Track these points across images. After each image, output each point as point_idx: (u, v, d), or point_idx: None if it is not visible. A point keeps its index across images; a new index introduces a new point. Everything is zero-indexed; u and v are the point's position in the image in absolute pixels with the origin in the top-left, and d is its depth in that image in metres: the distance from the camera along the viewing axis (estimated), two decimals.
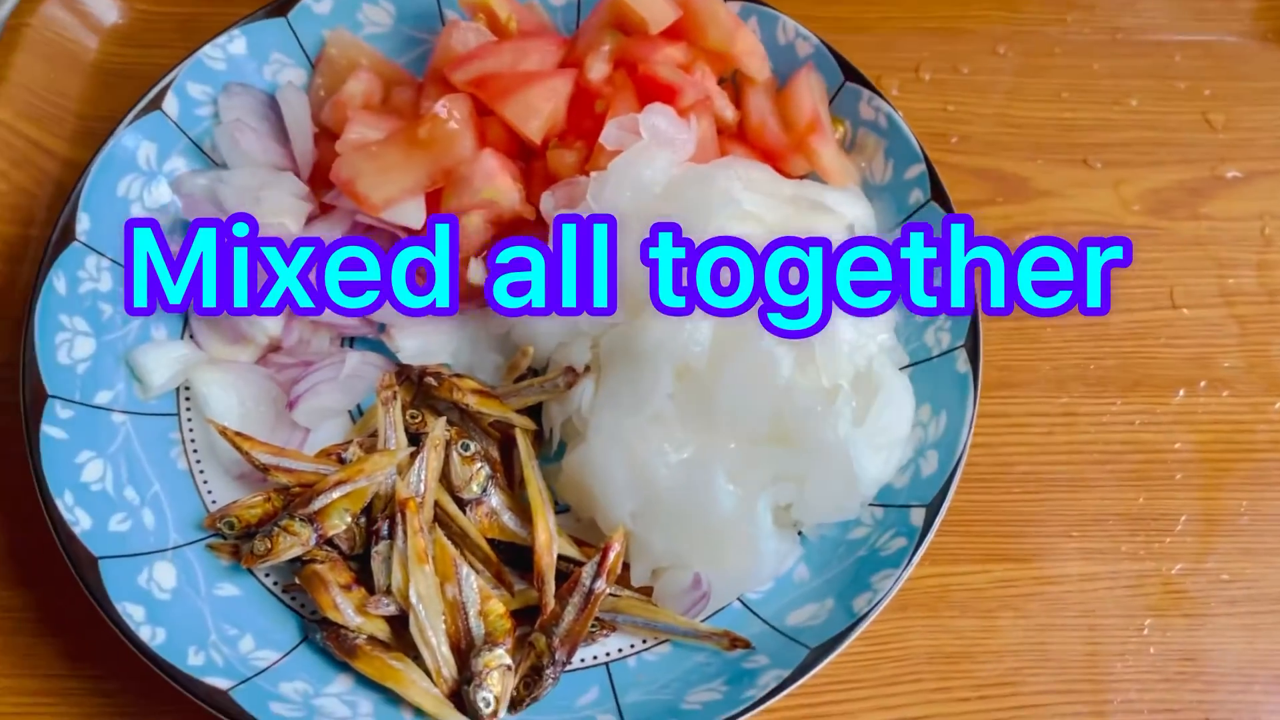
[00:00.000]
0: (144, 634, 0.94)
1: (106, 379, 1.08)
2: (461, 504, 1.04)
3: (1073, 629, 1.06)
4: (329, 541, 1.01)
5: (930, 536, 0.98)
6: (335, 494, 1.00)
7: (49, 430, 1.00)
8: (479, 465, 1.04)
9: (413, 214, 1.12)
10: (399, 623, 0.99)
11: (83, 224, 1.09)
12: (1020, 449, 1.15)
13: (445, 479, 1.04)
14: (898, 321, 1.11)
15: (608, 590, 0.98)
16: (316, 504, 1.00)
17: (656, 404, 1.01)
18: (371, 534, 1.01)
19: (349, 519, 1.00)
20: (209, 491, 1.07)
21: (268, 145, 1.18)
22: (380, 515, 1.01)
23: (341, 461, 1.05)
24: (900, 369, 1.08)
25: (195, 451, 1.09)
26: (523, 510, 1.04)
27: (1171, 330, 1.21)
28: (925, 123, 1.28)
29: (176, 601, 0.99)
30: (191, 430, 1.09)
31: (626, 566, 1.02)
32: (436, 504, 1.03)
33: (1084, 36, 1.39)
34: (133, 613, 0.95)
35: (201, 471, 1.08)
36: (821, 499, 1.00)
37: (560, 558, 1.01)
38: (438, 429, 1.05)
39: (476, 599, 0.98)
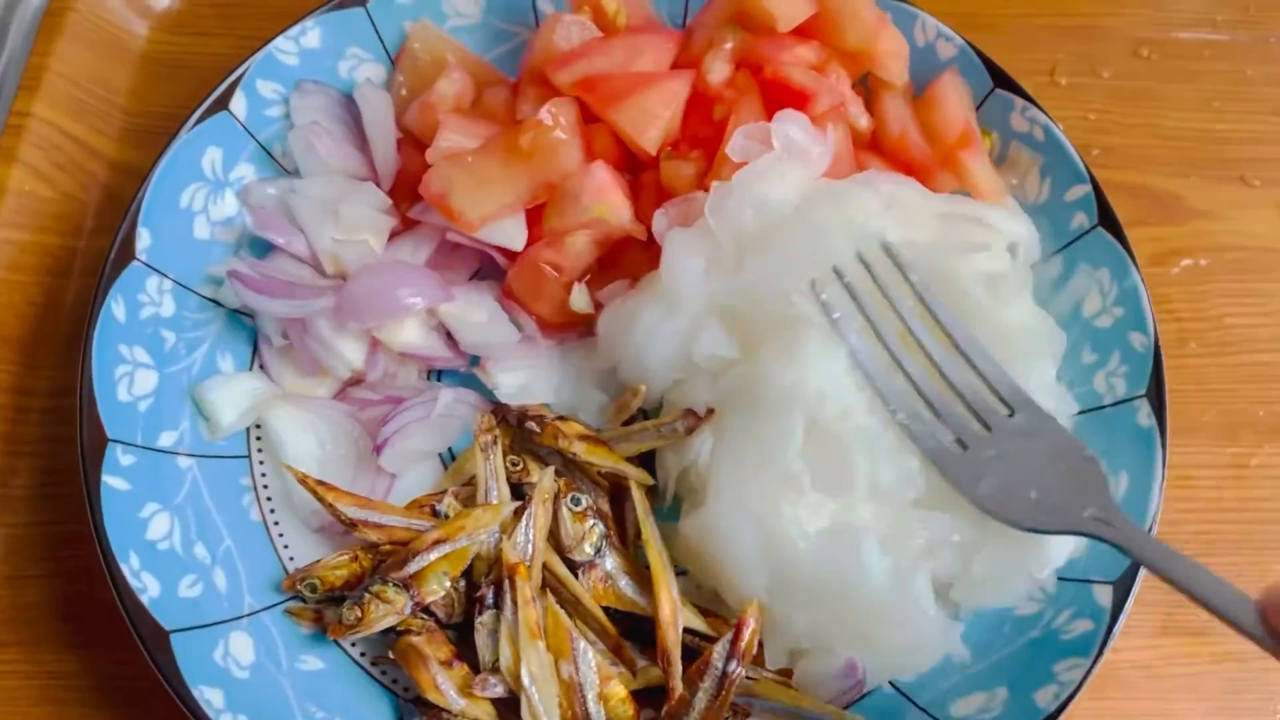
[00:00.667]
0: None
1: (171, 418, 0.95)
2: (572, 566, 0.91)
3: (1261, 713, 0.95)
4: (425, 609, 0.89)
5: (1122, 620, 0.86)
6: (433, 555, 0.88)
7: (110, 481, 0.88)
8: (592, 523, 0.92)
9: (512, 233, 0.99)
10: (506, 705, 0.87)
11: (143, 240, 0.97)
12: (1188, 505, 1.03)
13: (553, 538, 0.92)
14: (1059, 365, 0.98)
15: (743, 673, 0.86)
16: (412, 566, 0.88)
17: (787, 461, 0.88)
18: (474, 600, 0.89)
19: (448, 583, 0.88)
20: (285, 546, 0.95)
21: (346, 151, 1.05)
22: (484, 580, 0.89)
23: (435, 515, 0.93)
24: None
25: (269, 500, 0.97)
26: (641, 575, 0.92)
27: None
28: (1065, 133, 1.15)
29: (256, 679, 0.87)
30: (264, 475, 0.97)
31: (761, 645, 0.90)
32: (545, 567, 0.91)
33: (1236, 39, 1.26)
34: (211, 698, 0.83)
35: (277, 523, 0.96)
36: (991, 574, 0.88)
37: (685, 630, 0.89)
38: (546, 479, 0.92)
39: (595, 679, 0.86)
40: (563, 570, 0.91)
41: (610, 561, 0.92)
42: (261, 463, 0.98)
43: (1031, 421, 0.88)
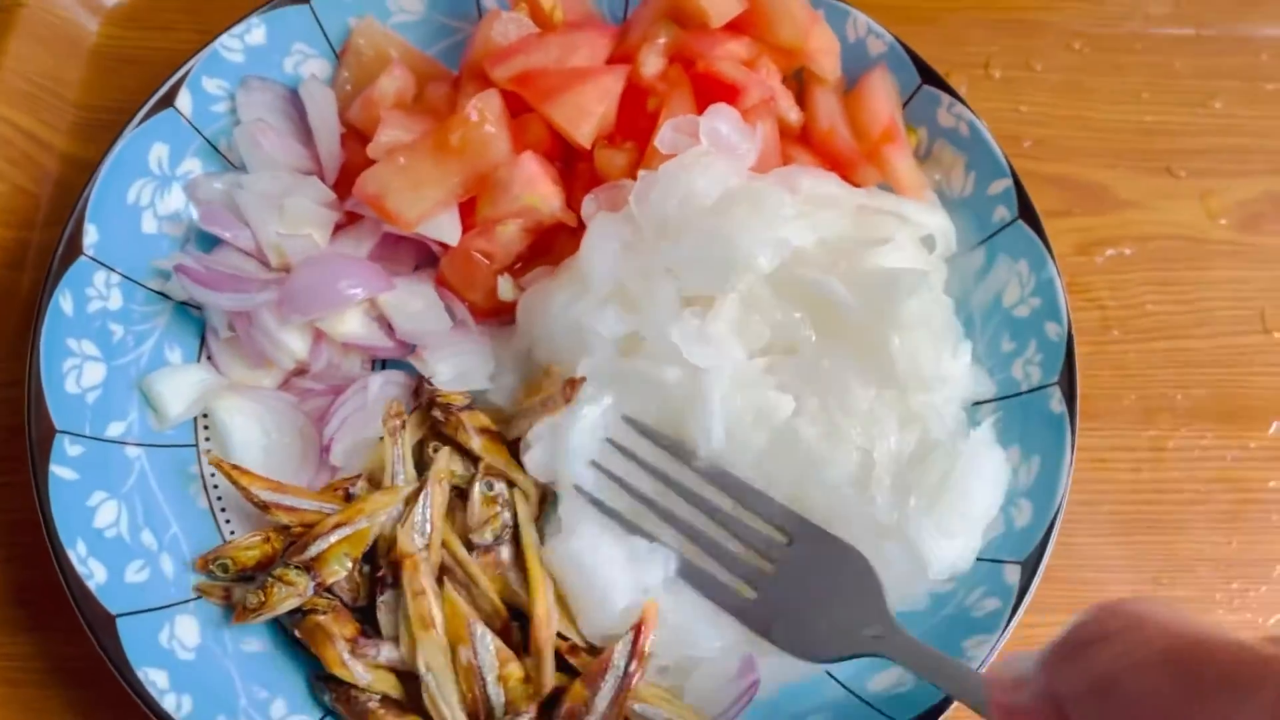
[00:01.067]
0: (168, 704, 0.85)
1: (119, 409, 0.98)
2: (469, 547, 0.94)
3: None
4: (330, 590, 0.92)
5: (1028, 599, 0.90)
6: (333, 537, 0.91)
7: (58, 471, 0.91)
8: (499, 510, 0.95)
9: (447, 227, 1.02)
10: (412, 678, 0.90)
11: (90, 236, 0.99)
12: (1104, 486, 1.07)
13: (458, 518, 0.95)
14: (980, 353, 1.02)
15: (642, 673, 0.88)
16: (313, 549, 0.91)
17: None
18: (376, 581, 0.92)
19: (350, 565, 0.92)
20: (231, 532, 0.98)
21: (290, 146, 1.08)
22: (383, 560, 0.93)
23: (349, 498, 0.96)
24: (982, 402, 1.00)
25: (216, 488, 1.00)
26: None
27: (1265, 357, 1.13)
28: (997, 124, 1.16)
29: (201, 661, 0.90)
30: (215, 475, 1.00)
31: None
32: (445, 546, 0.94)
33: (1166, 32, 1.29)
34: (156, 679, 0.86)
35: (224, 510, 0.99)
36: (892, 586, 0.90)
37: (560, 636, 0.92)
38: (441, 460, 0.96)
39: (494, 663, 0.89)
40: (461, 552, 0.94)
41: (506, 551, 0.94)
42: (209, 451, 1.00)
43: (810, 545, 0.90)
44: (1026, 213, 1.03)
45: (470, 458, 0.97)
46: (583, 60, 1.07)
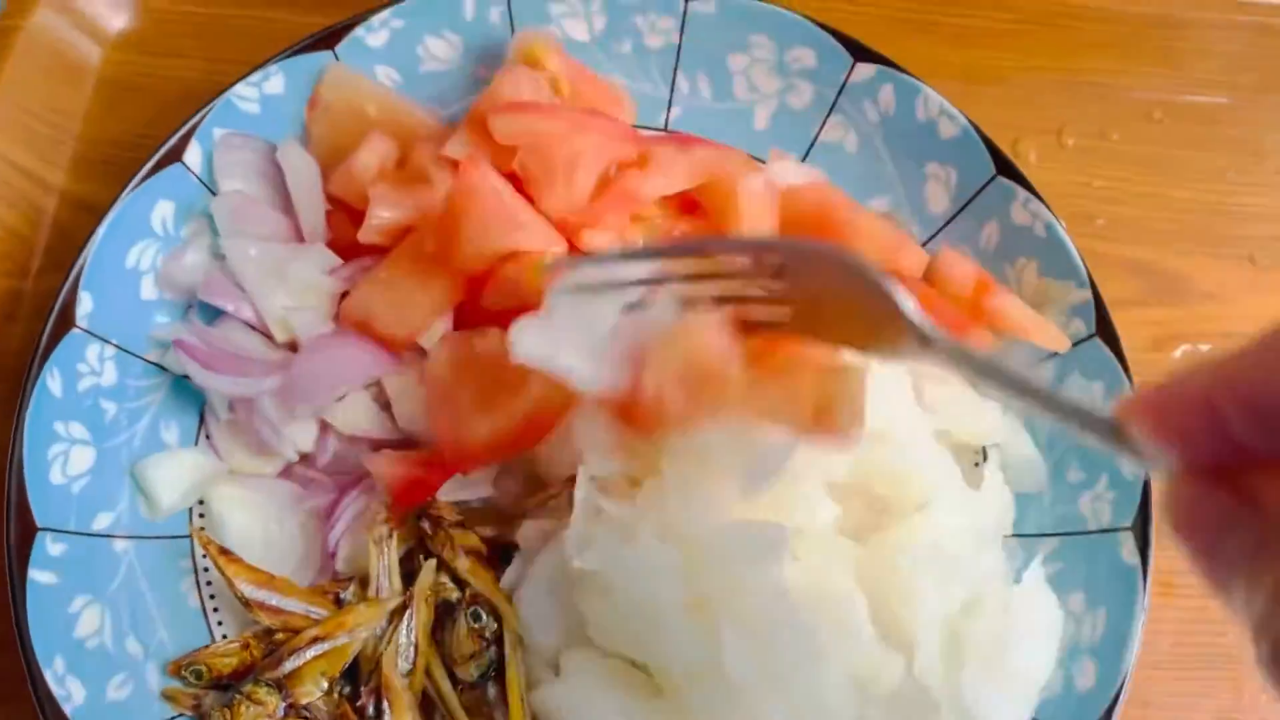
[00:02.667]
0: None
1: (107, 498, 0.90)
2: (453, 680, 0.87)
3: None
4: (305, 710, 0.85)
5: None
6: (310, 653, 0.84)
7: (38, 576, 0.84)
8: (486, 645, 0.86)
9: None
10: None
11: (84, 306, 0.91)
12: (1168, 614, 0.97)
13: (442, 640, 0.88)
14: (1043, 484, 0.94)
15: None
16: (288, 665, 0.84)
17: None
18: (356, 709, 0.85)
19: (325, 685, 0.85)
20: (224, 636, 0.91)
21: (273, 219, 0.98)
22: (364, 688, 0.85)
23: (339, 602, 0.89)
24: (1036, 536, 0.92)
25: (209, 584, 0.92)
26: None
27: None
28: (1068, 199, 1.08)
29: None
30: (205, 557, 0.92)
31: None
32: (427, 673, 0.87)
33: (1255, 103, 1.19)
34: None
35: (216, 609, 0.91)
36: None
37: None
38: (426, 574, 0.88)
39: None
40: (446, 685, 0.86)
41: (492, 691, 0.87)
42: (200, 529, 0.92)
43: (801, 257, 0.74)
44: (1105, 331, 0.94)
45: (456, 579, 0.90)
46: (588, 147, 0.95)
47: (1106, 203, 1.14)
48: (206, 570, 0.92)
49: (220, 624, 0.91)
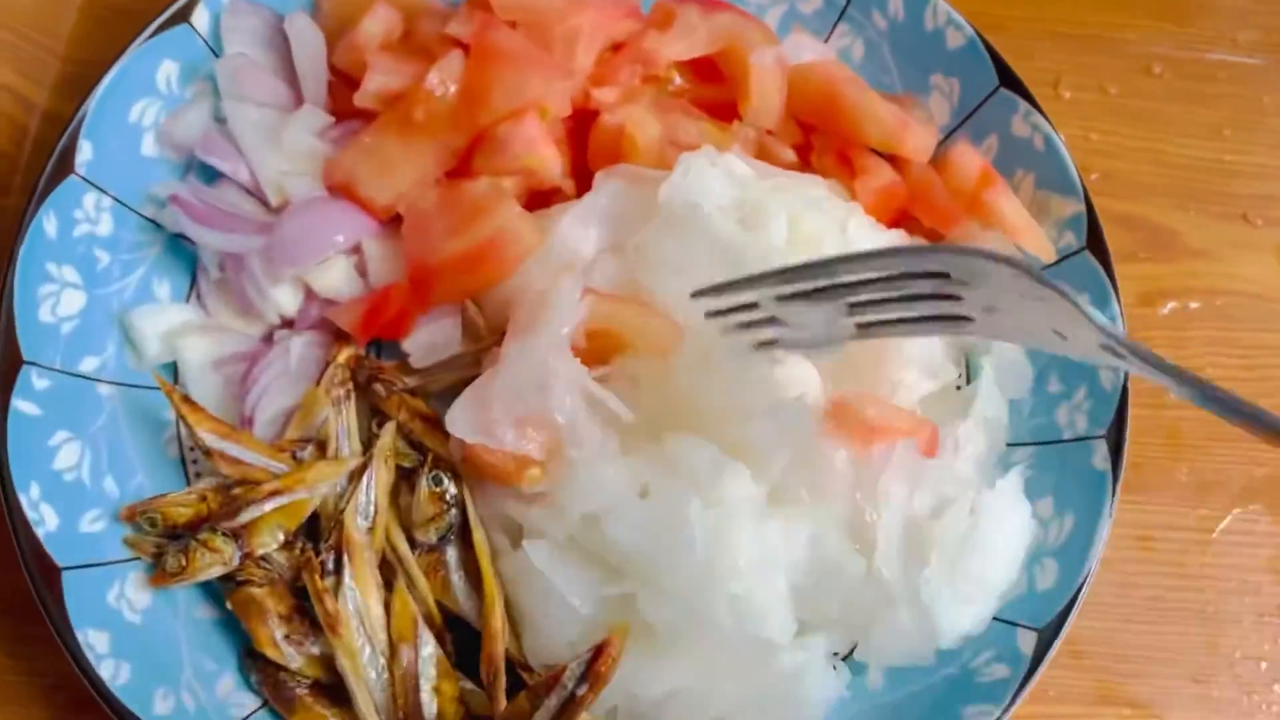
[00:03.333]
0: (105, 671, 0.80)
1: (95, 342, 0.91)
2: (411, 543, 0.87)
3: None
4: (267, 560, 0.85)
5: (1041, 670, 0.82)
6: (268, 505, 0.85)
7: (20, 405, 0.85)
8: (448, 508, 0.86)
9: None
10: None
11: (84, 154, 0.92)
12: (1145, 567, 0.98)
13: (400, 504, 0.88)
14: (1027, 391, 0.94)
15: (591, 700, 0.80)
16: (244, 516, 0.84)
17: None
18: (307, 561, 0.85)
19: (281, 537, 0.85)
20: None
21: (273, 85, 0.98)
22: (325, 545, 0.85)
23: (295, 460, 0.89)
24: (1013, 445, 0.92)
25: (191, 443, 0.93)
26: (477, 578, 0.86)
27: None
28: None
29: (149, 625, 0.84)
30: None
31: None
32: (386, 535, 0.87)
33: (1255, 62, 1.18)
34: (95, 642, 0.81)
35: (195, 462, 0.93)
36: (886, 647, 0.84)
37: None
38: (387, 436, 0.88)
39: (433, 674, 0.83)
40: (403, 547, 0.87)
41: (451, 553, 0.87)
42: (171, 386, 0.92)
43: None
44: (1095, 243, 0.94)
45: (412, 442, 0.90)
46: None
47: (1102, 156, 1.13)
48: None
49: (199, 476, 0.92)
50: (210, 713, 0.82)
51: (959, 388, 0.96)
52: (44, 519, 0.83)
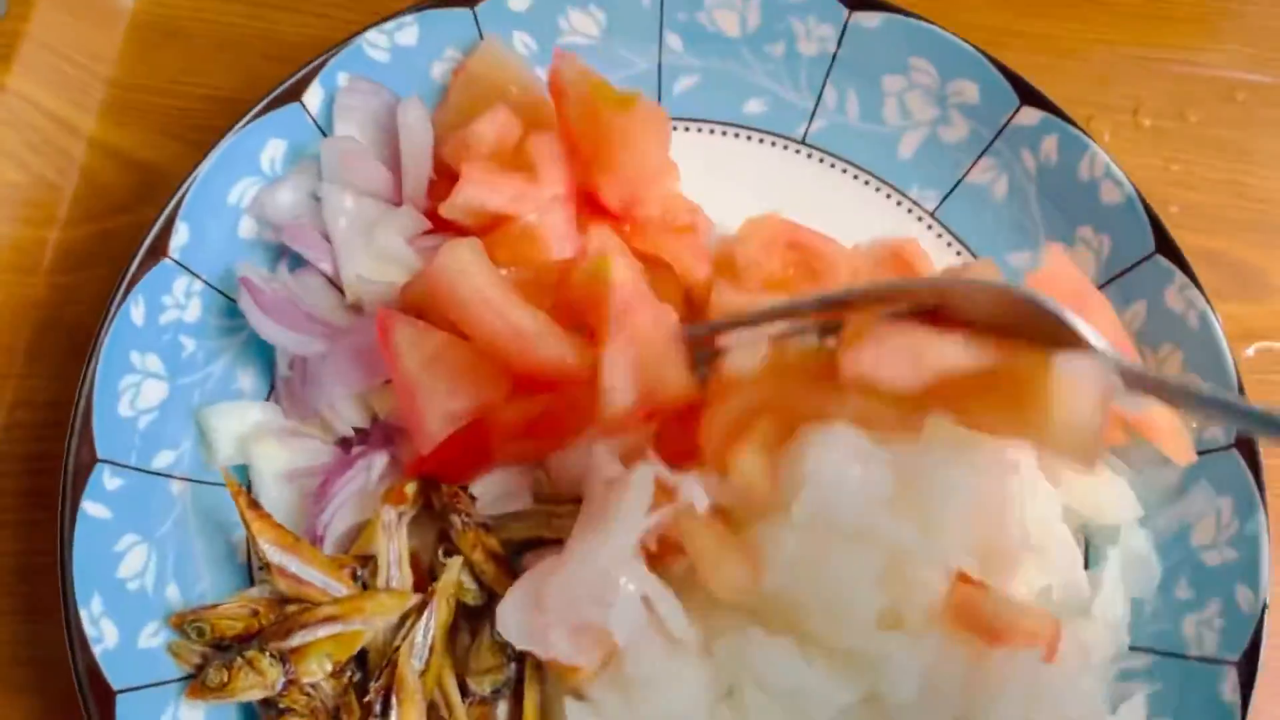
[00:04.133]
0: None
1: (172, 436, 0.88)
2: (463, 689, 0.83)
3: None
4: (312, 688, 0.81)
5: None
6: (321, 632, 0.81)
7: (90, 508, 0.81)
8: (508, 660, 0.82)
9: None
10: None
11: (179, 237, 0.88)
12: None
13: (455, 649, 0.84)
14: (1151, 591, 0.87)
15: None
16: (295, 639, 0.80)
17: None
18: (363, 704, 0.81)
19: (330, 666, 0.81)
20: None
21: (376, 174, 0.94)
22: (374, 684, 0.81)
23: (355, 577, 0.84)
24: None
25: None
26: None
27: None
28: (1141, 184, 0.96)
29: None
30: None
31: None
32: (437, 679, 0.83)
33: None
34: None
35: (261, 568, 0.88)
36: None
37: None
38: (452, 572, 0.83)
39: None
40: (455, 696, 0.82)
41: (502, 709, 0.82)
42: (239, 487, 0.88)
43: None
44: (1245, 445, 0.86)
45: (480, 582, 0.85)
46: None
47: (1181, 188, 1.07)
48: None
49: (264, 583, 0.88)
50: None
51: None
52: (104, 635, 0.80)
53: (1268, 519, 0.84)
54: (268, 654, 0.79)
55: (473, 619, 0.85)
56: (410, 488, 0.86)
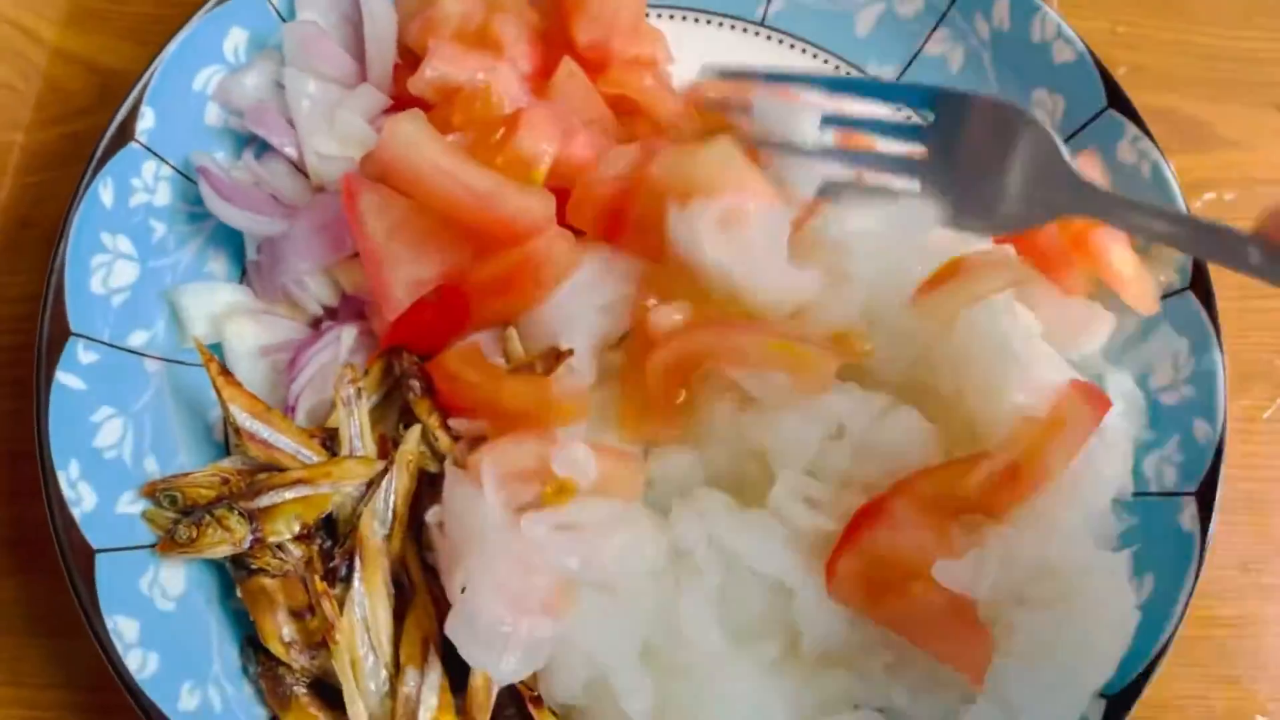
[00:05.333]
0: (132, 661, 0.78)
1: (145, 317, 0.89)
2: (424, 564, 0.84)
3: (1244, 681, 0.90)
4: (283, 550, 0.82)
5: None
6: (289, 494, 0.82)
7: (64, 379, 0.83)
8: None
9: None
10: None
11: (145, 121, 0.89)
12: None
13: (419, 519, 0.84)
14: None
15: None
16: (264, 500, 0.81)
17: None
18: (328, 568, 0.82)
19: (297, 528, 0.82)
20: None
21: (339, 59, 0.95)
22: (339, 549, 0.83)
23: (325, 450, 0.85)
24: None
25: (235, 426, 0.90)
26: None
27: None
28: (1091, 47, 0.96)
29: (180, 614, 0.82)
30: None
31: None
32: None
33: None
34: (124, 630, 0.79)
35: (239, 446, 0.90)
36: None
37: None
38: (410, 441, 0.84)
39: (435, 703, 0.79)
40: (416, 566, 0.83)
41: None
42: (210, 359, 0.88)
43: (955, 108, 0.85)
44: (1200, 287, 0.87)
45: (436, 453, 0.86)
46: None
47: (1129, 49, 1.09)
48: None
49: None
50: (237, 711, 0.80)
51: None
52: (81, 498, 0.81)
53: (1223, 357, 0.85)
54: (236, 512, 0.81)
55: (436, 486, 0.85)
56: (373, 368, 0.87)
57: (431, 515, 0.82)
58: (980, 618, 0.75)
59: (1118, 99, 0.93)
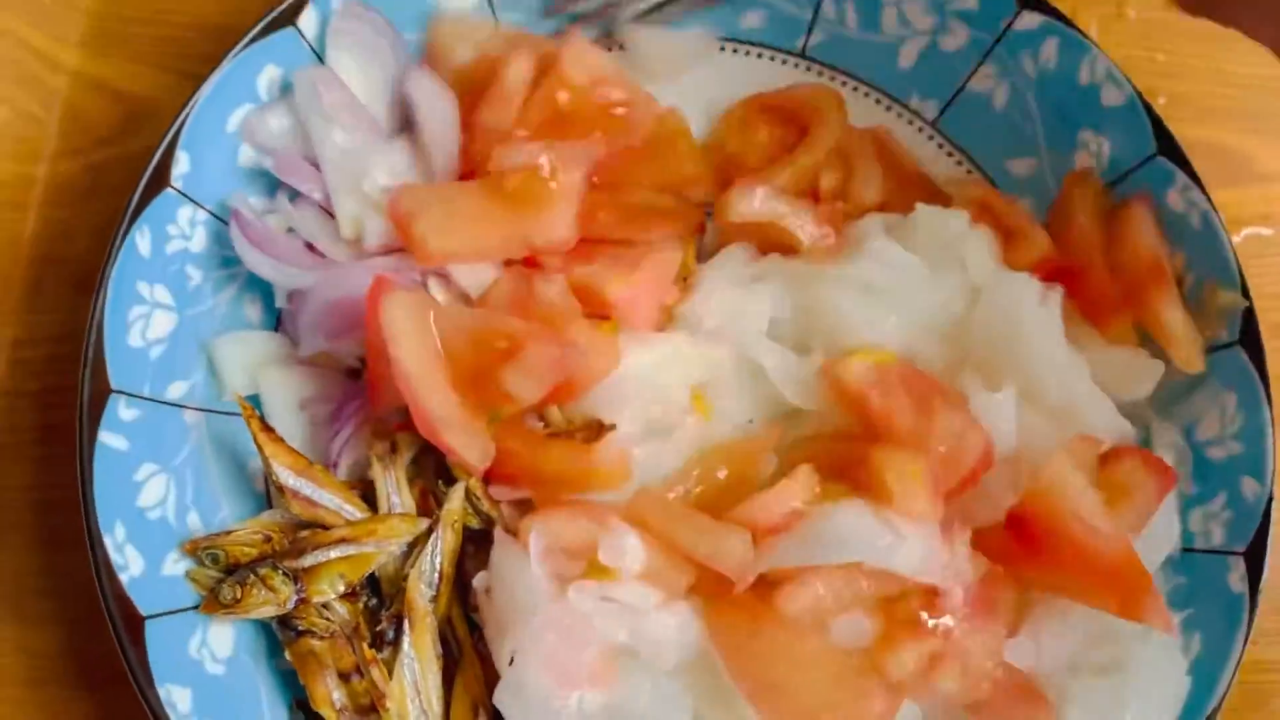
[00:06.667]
0: None
1: (183, 367, 0.88)
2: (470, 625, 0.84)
3: None
4: (329, 610, 0.82)
5: None
6: (334, 553, 0.82)
7: (107, 439, 0.81)
8: None
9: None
10: None
11: (180, 166, 0.87)
12: None
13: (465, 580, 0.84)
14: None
15: None
16: (308, 559, 0.81)
17: None
18: (375, 631, 0.82)
19: (342, 587, 0.81)
20: None
21: (351, 103, 0.92)
22: (386, 612, 0.82)
23: (368, 503, 0.85)
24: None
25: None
26: None
27: None
28: (1128, 76, 0.94)
29: (230, 677, 0.83)
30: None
31: None
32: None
33: None
34: (177, 700, 0.78)
35: (280, 501, 0.89)
36: None
37: None
38: (455, 501, 0.84)
39: None
40: (462, 624, 0.84)
41: None
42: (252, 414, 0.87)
43: None
44: (1250, 340, 0.87)
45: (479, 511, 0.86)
46: None
47: (1168, 78, 1.06)
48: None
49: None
50: None
51: None
52: (129, 563, 0.80)
53: (1272, 413, 0.85)
54: (280, 572, 0.80)
55: (479, 544, 0.85)
56: (403, 437, 0.86)
57: (479, 581, 0.82)
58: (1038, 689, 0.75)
59: (1167, 145, 0.91)
